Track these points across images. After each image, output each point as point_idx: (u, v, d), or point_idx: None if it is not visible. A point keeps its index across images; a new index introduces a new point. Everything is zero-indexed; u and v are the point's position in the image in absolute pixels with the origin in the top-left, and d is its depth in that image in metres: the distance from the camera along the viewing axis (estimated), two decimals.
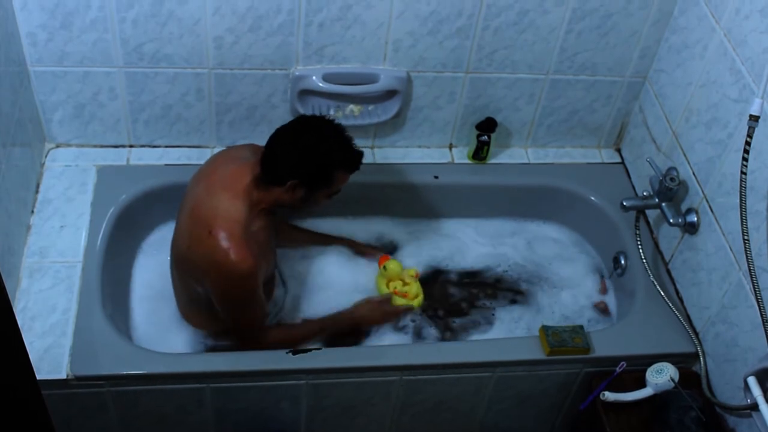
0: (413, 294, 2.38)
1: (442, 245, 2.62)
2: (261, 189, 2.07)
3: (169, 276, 2.30)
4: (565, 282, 2.55)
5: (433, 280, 2.53)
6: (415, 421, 2.33)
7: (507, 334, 2.41)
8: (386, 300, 2.35)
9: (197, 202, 2.09)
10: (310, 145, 2.03)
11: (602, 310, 2.47)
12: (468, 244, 2.63)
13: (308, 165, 2.03)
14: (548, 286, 2.53)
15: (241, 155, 2.18)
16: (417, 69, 2.45)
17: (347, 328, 2.30)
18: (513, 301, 2.50)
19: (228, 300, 2.09)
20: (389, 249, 2.57)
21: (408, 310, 2.36)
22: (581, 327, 2.21)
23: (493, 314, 2.45)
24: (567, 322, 2.42)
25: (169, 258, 2.31)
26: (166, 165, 2.50)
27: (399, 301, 2.35)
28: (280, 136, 2.07)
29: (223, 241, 1.99)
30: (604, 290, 2.55)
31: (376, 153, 2.63)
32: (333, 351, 2.17)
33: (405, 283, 2.40)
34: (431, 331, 2.39)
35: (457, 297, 2.50)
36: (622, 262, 2.47)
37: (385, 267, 2.39)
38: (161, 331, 2.26)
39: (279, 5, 2.24)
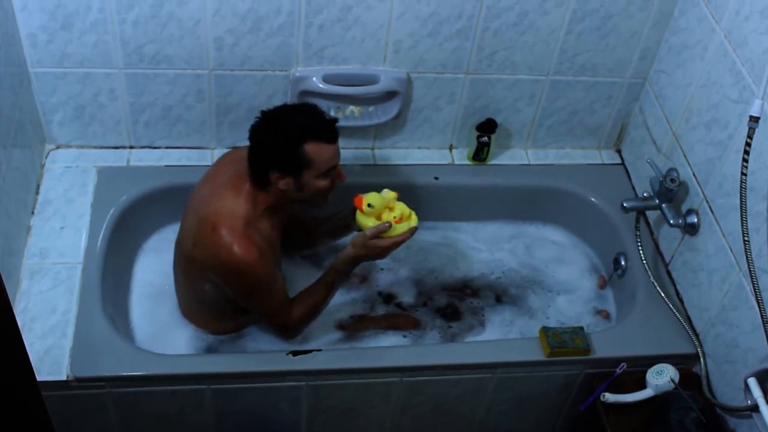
0: (407, 214, 2.17)
1: (440, 251, 2.61)
2: (262, 192, 2.08)
3: (170, 276, 2.30)
4: (562, 286, 2.55)
5: (423, 286, 2.53)
6: (416, 422, 2.33)
7: (501, 338, 2.40)
8: (381, 230, 2.11)
9: (202, 203, 2.10)
10: (269, 130, 2.01)
11: (604, 318, 2.46)
12: (466, 249, 2.62)
13: (274, 150, 2.00)
14: (543, 291, 2.53)
15: (245, 156, 2.18)
16: (417, 70, 2.45)
17: (363, 256, 2.14)
18: (498, 300, 2.50)
19: (244, 293, 2.10)
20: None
21: (412, 231, 2.15)
22: (581, 328, 2.21)
23: (483, 315, 2.45)
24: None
25: (169, 258, 2.31)
26: (166, 166, 2.50)
27: (401, 228, 2.14)
28: (249, 137, 2.05)
29: (226, 236, 2.00)
30: (602, 285, 2.55)
31: (376, 154, 2.63)
32: (333, 352, 2.17)
33: (392, 209, 2.15)
34: (434, 335, 2.39)
35: (444, 302, 2.50)
36: (623, 263, 2.47)
37: (370, 205, 2.11)
38: (162, 331, 2.26)
39: (279, 6, 2.24)
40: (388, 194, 2.14)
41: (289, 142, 1.98)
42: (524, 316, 2.46)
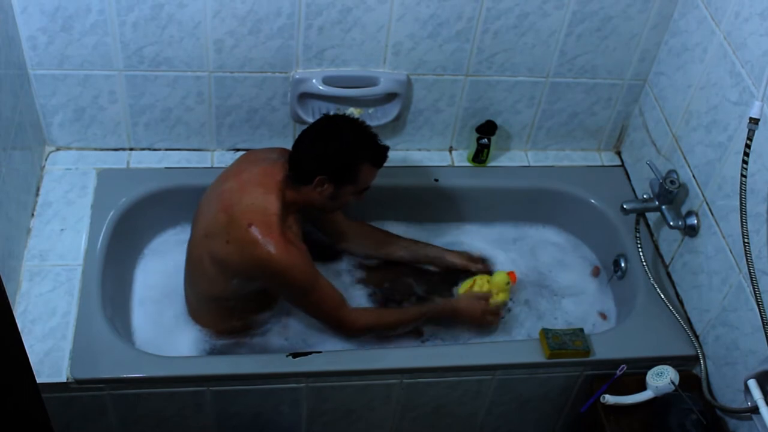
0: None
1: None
2: (292, 189, 2.11)
3: (173, 278, 2.30)
4: (566, 288, 2.54)
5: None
6: (416, 424, 2.33)
7: (508, 338, 2.41)
8: (486, 297, 2.33)
9: (230, 200, 2.11)
10: (333, 140, 2.07)
11: (603, 319, 2.46)
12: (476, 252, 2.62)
13: (333, 159, 2.07)
14: (550, 294, 2.53)
15: (268, 156, 2.23)
16: (417, 72, 2.45)
17: (447, 318, 2.31)
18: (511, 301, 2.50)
19: (291, 293, 2.13)
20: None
21: (502, 306, 2.36)
22: (581, 330, 2.21)
23: (510, 309, 2.45)
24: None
25: (171, 260, 2.32)
26: (166, 168, 2.50)
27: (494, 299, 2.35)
28: (305, 134, 2.13)
29: (264, 235, 2.03)
30: (596, 273, 2.57)
31: None
32: (333, 354, 2.17)
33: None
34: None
35: None
36: (623, 264, 2.47)
37: (488, 281, 2.38)
38: (165, 333, 2.26)
39: (279, 8, 2.24)
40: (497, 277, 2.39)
41: (350, 157, 2.07)
42: (532, 317, 2.45)
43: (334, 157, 2.07)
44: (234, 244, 2.07)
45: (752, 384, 1.89)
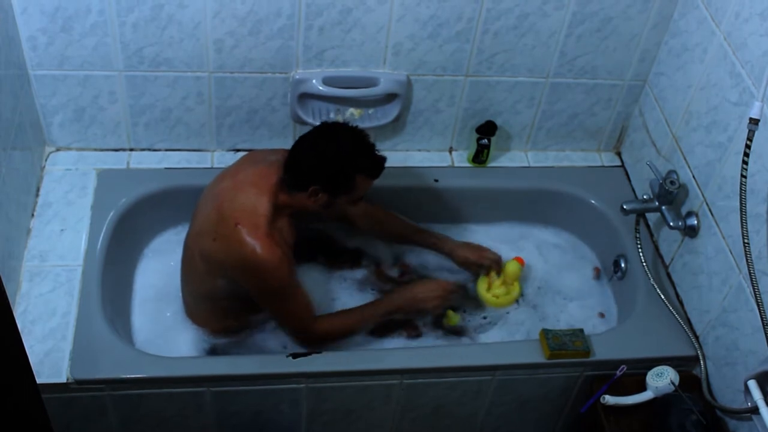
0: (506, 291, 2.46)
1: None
2: (286, 193, 2.10)
3: (172, 279, 2.30)
4: (567, 289, 2.54)
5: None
6: (416, 425, 2.33)
7: (508, 338, 2.41)
8: (450, 283, 2.31)
9: (222, 199, 2.11)
10: (330, 150, 2.05)
11: (600, 317, 2.47)
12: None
13: (329, 170, 2.05)
14: (549, 294, 2.52)
15: (268, 157, 2.22)
16: (417, 72, 2.45)
17: (406, 307, 2.27)
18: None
19: (266, 295, 2.12)
20: (384, 257, 2.57)
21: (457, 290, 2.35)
22: (581, 330, 2.21)
23: (508, 312, 2.45)
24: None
25: (171, 261, 2.31)
26: (166, 168, 2.50)
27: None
28: (302, 141, 2.11)
29: (250, 235, 2.02)
30: (597, 275, 2.57)
31: None
32: (333, 354, 2.17)
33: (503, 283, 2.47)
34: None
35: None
36: (623, 265, 2.47)
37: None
38: (164, 334, 2.26)
39: (279, 9, 2.24)
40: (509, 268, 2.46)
41: (346, 169, 2.05)
42: (533, 318, 2.45)
43: (330, 165, 2.05)
44: (220, 242, 2.07)
45: (752, 384, 1.89)
